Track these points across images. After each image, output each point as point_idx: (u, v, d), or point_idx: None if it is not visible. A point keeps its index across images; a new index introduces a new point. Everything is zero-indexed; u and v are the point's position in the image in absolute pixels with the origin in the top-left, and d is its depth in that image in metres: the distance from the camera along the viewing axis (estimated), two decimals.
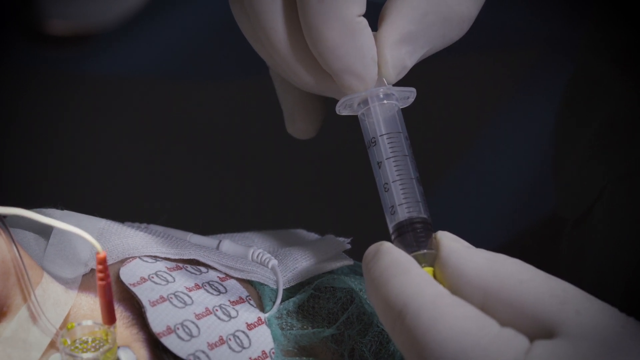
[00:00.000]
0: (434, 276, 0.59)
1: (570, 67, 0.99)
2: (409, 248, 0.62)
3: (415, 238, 0.63)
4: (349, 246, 0.81)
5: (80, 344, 0.61)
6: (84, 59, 1.32)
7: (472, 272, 0.55)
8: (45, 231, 0.69)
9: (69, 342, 0.60)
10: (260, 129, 1.21)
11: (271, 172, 1.18)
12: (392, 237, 0.65)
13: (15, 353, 0.59)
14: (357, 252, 0.81)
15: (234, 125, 1.21)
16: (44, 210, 0.70)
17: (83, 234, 0.58)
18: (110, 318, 0.61)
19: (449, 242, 0.59)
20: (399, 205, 0.65)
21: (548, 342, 0.50)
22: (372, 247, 0.59)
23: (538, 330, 0.51)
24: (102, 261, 0.59)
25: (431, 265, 0.60)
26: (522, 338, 0.51)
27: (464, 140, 1.25)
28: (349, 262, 0.79)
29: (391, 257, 0.57)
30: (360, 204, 1.08)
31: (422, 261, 0.60)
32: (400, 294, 0.54)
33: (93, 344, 0.61)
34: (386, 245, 0.59)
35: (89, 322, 0.62)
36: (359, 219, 1.02)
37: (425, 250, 0.61)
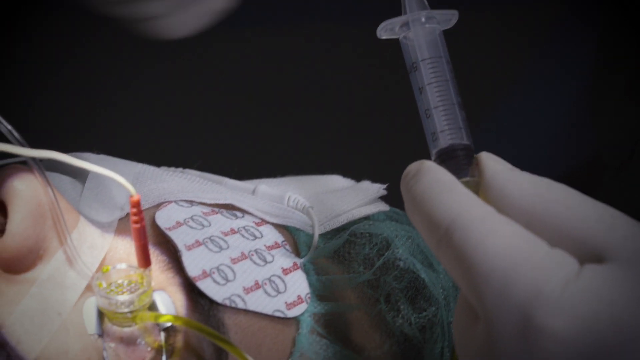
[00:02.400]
0: None
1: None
2: None
3: (458, 164, 0.60)
4: (385, 192, 0.80)
5: (116, 287, 0.60)
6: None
7: (517, 194, 0.53)
8: (81, 175, 0.68)
9: (104, 285, 0.59)
10: (295, 77, 1.19)
11: (308, 118, 1.16)
12: None
13: (52, 296, 0.58)
14: (392, 198, 0.79)
15: (266, 72, 1.20)
16: (80, 154, 0.70)
17: (116, 176, 0.57)
18: (145, 261, 0.60)
19: (493, 163, 0.56)
20: (440, 131, 0.62)
21: (598, 266, 0.48)
22: (412, 166, 0.57)
23: (585, 255, 0.49)
24: (136, 204, 0.58)
25: (474, 192, 0.57)
26: (573, 260, 0.49)
27: (501, 85, 1.23)
28: (384, 208, 0.78)
29: (434, 175, 0.55)
30: (398, 150, 1.06)
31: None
32: (447, 210, 0.52)
33: (128, 287, 0.60)
34: (428, 164, 0.56)
35: (124, 266, 0.61)
36: (395, 165, 1.00)
37: (468, 178, 0.59)
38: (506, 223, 0.51)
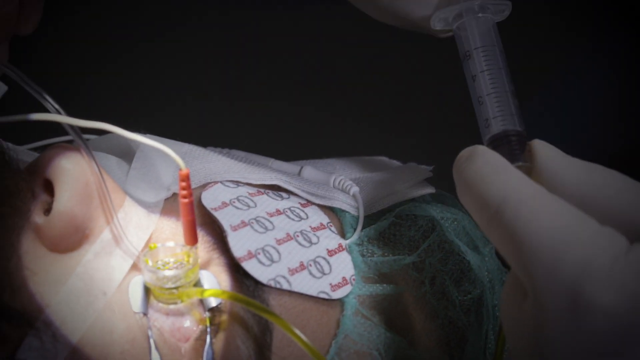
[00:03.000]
0: None
1: None
2: None
3: (510, 150, 0.60)
4: (431, 174, 0.79)
5: (162, 265, 0.60)
6: None
7: (569, 178, 0.54)
8: (127, 155, 0.68)
9: (150, 262, 0.59)
10: (341, 58, 1.18)
11: (354, 100, 1.15)
12: None
13: (97, 275, 0.58)
14: (439, 180, 0.78)
15: (315, 54, 1.19)
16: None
17: (166, 150, 0.57)
18: (192, 238, 0.59)
19: (545, 149, 0.57)
20: (493, 118, 0.63)
21: None
22: (466, 150, 0.57)
23: (634, 234, 0.50)
24: (185, 178, 0.57)
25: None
26: (622, 237, 0.49)
27: (547, 67, 1.21)
28: (431, 190, 0.77)
29: (486, 157, 0.55)
30: (446, 132, 1.05)
31: None
32: (498, 189, 0.53)
33: (175, 265, 0.60)
34: (481, 147, 0.57)
35: (171, 244, 0.60)
36: (442, 146, 0.99)
37: (520, 163, 0.59)
38: (557, 201, 0.51)
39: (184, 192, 0.58)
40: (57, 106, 0.58)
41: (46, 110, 0.58)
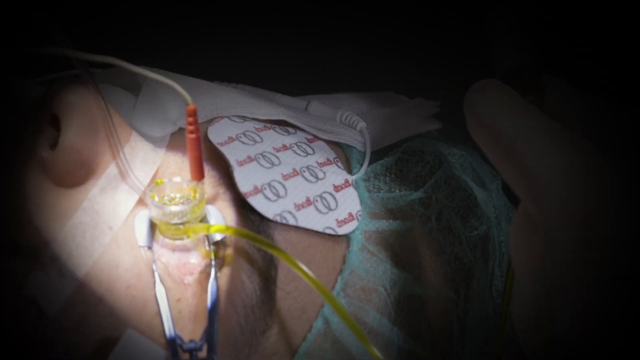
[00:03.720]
0: None
1: None
2: None
3: (522, 84, 0.59)
4: (438, 109, 0.78)
5: (169, 200, 0.59)
6: None
7: (579, 114, 0.54)
8: (135, 89, 0.67)
9: (157, 198, 0.59)
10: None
11: (359, 35, 1.14)
12: None
13: (103, 210, 0.58)
14: (446, 115, 0.78)
15: None
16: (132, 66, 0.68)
17: (173, 84, 0.56)
18: (198, 174, 0.59)
19: (556, 85, 0.57)
20: (506, 52, 0.62)
21: None
22: (477, 83, 0.56)
23: None
24: (192, 113, 0.56)
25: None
26: None
27: None
28: (438, 125, 0.77)
29: (498, 90, 0.54)
30: (453, 65, 1.04)
31: None
32: (510, 122, 0.52)
33: (181, 200, 0.59)
34: (492, 81, 0.56)
35: (178, 179, 0.60)
36: (450, 81, 0.98)
37: (532, 97, 0.58)
38: (568, 135, 0.50)
39: (191, 128, 0.57)
40: (65, 39, 0.57)
41: (54, 44, 0.57)
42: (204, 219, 0.60)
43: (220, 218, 0.61)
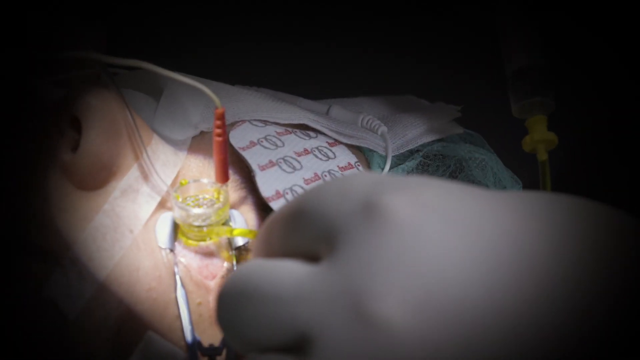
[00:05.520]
0: None
1: None
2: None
3: (532, 85, 0.60)
4: (459, 114, 0.77)
5: (192, 201, 0.58)
6: None
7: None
8: (155, 92, 0.66)
9: (180, 198, 0.58)
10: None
11: (381, 39, 1.13)
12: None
13: (124, 213, 0.57)
14: (467, 120, 0.77)
15: None
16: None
17: (202, 87, 0.54)
18: (223, 176, 0.58)
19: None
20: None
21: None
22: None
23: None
24: (221, 116, 0.55)
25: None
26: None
27: None
28: (459, 130, 0.76)
29: None
30: (473, 72, 1.03)
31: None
32: None
33: (205, 202, 0.58)
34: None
35: (205, 180, 0.59)
36: (469, 87, 0.97)
37: (538, 98, 0.58)
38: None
39: (219, 131, 0.56)
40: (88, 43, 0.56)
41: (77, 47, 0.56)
42: (226, 223, 0.59)
43: (244, 222, 0.60)
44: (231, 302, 0.40)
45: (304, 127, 0.69)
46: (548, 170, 0.68)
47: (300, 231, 0.40)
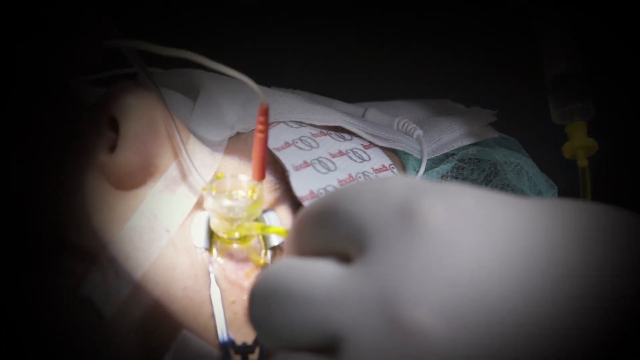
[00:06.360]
0: None
1: None
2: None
3: (572, 91, 0.60)
4: (495, 118, 0.76)
5: (226, 196, 0.58)
6: None
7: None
8: (191, 92, 0.67)
9: (215, 191, 0.57)
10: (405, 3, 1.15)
11: (420, 43, 1.12)
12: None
13: (161, 213, 0.57)
14: (503, 124, 0.76)
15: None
16: (190, 70, 0.68)
17: (249, 81, 0.54)
18: (260, 174, 0.57)
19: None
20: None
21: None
22: None
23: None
24: (264, 112, 0.54)
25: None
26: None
27: None
28: (494, 134, 0.75)
29: None
30: (509, 76, 1.02)
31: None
32: None
33: (238, 198, 0.58)
34: None
35: (241, 176, 0.58)
36: (506, 91, 0.96)
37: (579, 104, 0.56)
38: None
39: (261, 127, 0.55)
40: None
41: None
42: (258, 221, 0.59)
43: (278, 223, 0.59)
44: (263, 301, 0.40)
45: (339, 130, 0.69)
46: (588, 177, 0.67)
47: (332, 229, 0.40)
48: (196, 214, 0.58)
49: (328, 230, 0.41)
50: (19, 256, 0.54)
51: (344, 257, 0.39)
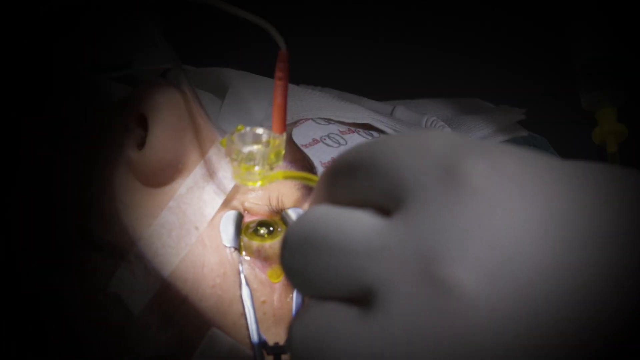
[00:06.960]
0: None
1: None
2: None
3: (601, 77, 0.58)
4: (524, 116, 0.75)
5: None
6: None
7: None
8: (219, 90, 0.66)
9: (235, 139, 0.55)
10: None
11: (446, 42, 1.12)
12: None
13: (190, 210, 0.56)
14: (532, 123, 0.75)
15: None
16: (218, 69, 0.67)
17: (268, 26, 0.52)
18: (280, 125, 0.54)
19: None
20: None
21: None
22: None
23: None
24: (284, 58, 0.53)
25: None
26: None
27: None
28: (523, 133, 0.74)
29: None
30: (537, 75, 1.01)
31: None
32: None
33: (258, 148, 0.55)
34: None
35: (260, 130, 0.54)
36: (534, 90, 0.95)
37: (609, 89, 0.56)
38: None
39: (280, 74, 0.53)
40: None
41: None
42: (286, 221, 0.58)
43: None
44: (297, 247, 0.39)
45: (367, 127, 0.68)
46: (617, 163, 0.66)
47: (370, 182, 0.39)
48: (224, 212, 0.58)
49: (365, 183, 0.39)
50: (48, 253, 0.54)
51: (381, 210, 0.38)
